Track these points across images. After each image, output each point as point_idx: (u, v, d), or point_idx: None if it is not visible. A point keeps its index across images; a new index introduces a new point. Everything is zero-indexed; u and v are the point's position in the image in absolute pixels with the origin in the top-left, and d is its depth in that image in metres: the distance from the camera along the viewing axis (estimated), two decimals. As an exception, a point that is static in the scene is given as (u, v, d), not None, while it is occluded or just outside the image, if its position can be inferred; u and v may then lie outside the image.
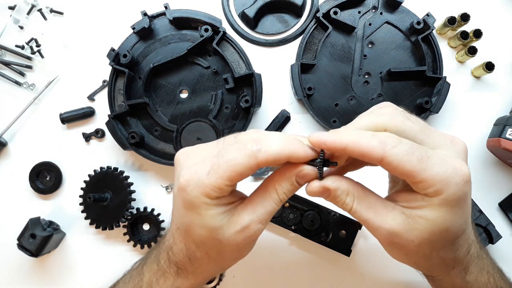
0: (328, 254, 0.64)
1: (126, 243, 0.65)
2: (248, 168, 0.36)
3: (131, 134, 0.62)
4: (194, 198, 0.37)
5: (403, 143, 0.35)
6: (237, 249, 0.40)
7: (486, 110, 0.67)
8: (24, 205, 0.67)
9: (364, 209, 0.38)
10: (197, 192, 0.37)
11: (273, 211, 0.40)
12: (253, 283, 0.64)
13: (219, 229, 0.38)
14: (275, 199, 0.39)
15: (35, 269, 0.66)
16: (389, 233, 0.37)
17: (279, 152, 0.36)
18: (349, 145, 0.35)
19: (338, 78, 0.67)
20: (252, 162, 0.36)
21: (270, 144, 0.36)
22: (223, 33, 0.65)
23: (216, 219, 0.38)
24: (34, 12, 0.70)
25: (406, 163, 0.34)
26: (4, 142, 0.67)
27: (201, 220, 0.38)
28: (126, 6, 0.70)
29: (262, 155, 0.36)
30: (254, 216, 0.39)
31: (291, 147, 0.36)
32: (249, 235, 0.39)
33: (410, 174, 0.34)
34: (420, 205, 0.36)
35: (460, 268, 0.41)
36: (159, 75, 0.66)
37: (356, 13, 0.68)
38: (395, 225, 0.37)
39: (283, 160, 0.37)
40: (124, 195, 0.63)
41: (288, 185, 0.39)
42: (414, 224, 0.36)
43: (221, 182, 0.36)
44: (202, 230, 0.39)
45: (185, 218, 0.39)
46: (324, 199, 0.39)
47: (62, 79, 0.69)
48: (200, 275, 0.43)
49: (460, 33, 0.66)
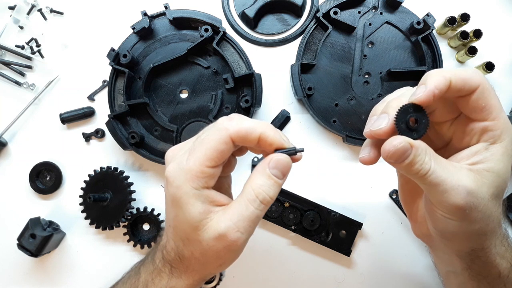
0: (328, 254, 0.64)
1: (126, 243, 0.65)
2: (222, 141, 0.36)
3: (131, 134, 0.62)
4: (177, 188, 0.37)
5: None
6: (217, 256, 0.38)
7: (486, 110, 0.67)
8: (24, 205, 0.67)
9: (441, 169, 0.35)
10: (180, 181, 0.36)
11: (252, 217, 0.37)
12: (253, 283, 0.64)
13: (199, 228, 0.37)
14: (254, 201, 0.37)
15: (35, 269, 0.66)
16: (468, 192, 0.34)
17: (250, 126, 0.36)
18: (453, 76, 0.35)
19: (338, 78, 0.67)
20: (224, 134, 0.36)
21: (242, 119, 0.37)
22: (223, 33, 0.65)
23: (195, 215, 0.37)
24: (34, 12, 0.70)
25: (494, 96, 0.36)
26: (4, 142, 0.67)
27: (184, 213, 0.37)
28: (126, 6, 0.70)
29: (232, 127, 0.36)
30: (231, 224, 0.36)
31: (263, 125, 0.37)
32: (227, 245, 0.37)
33: (491, 108, 0.36)
34: (484, 157, 0.36)
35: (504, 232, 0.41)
36: (159, 75, 0.66)
37: (356, 13, 0.68)
38: (470, 183, 0.35)
39: (254, 137, 0.37)
40: (124, 195, 0.63)
41: (265, 180, 0.37)
42: (483, 179, 0.35)
43: (199, 163, 0.36)
44: (185, 225, 0.38)
45: (172, 213, 0.39)
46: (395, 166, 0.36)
47: (62, 79, 0.69)
48: (191, 275, 0.42)
49: (460, 33, 0.66)
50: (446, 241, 0.41)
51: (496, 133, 0.36)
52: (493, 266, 0.41)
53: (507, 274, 0.41)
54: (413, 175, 0.35)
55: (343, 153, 0.67)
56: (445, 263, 0.47)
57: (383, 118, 0.36)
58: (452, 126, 0.40)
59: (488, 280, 0.42)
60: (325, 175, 0.66)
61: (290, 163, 0.38)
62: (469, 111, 0.37)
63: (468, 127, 0.38)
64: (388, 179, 0.66)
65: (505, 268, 0.41)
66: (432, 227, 0.41)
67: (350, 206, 0.65)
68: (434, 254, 0.49)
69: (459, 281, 0.45)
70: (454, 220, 0.37)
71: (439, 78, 0.35)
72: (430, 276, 0.64)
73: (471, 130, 0.37)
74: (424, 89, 0.34)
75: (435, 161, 0.35)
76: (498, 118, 0.36)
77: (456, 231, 0.38)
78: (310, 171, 0.66)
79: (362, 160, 0.39)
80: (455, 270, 0.44)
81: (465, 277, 0.43)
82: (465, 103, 0.37)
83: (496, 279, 0.41)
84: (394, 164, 0.35)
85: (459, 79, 0.35)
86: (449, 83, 0.35)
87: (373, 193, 0.66)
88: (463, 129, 0.38)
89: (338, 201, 0.65)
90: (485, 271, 0.41)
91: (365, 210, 0.65)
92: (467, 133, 0.38)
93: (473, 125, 0.37)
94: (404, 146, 0.34)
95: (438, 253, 0.47)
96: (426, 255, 0.64)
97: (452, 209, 0.36)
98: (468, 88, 0.35)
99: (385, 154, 0.35)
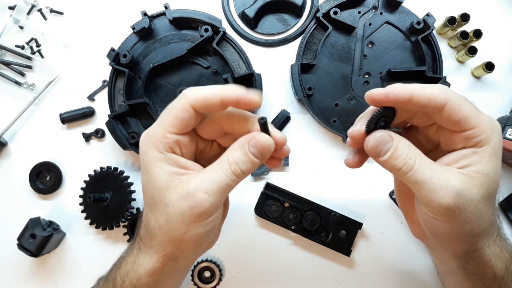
0: (328, 254, 0.64)
1: (126, 243, 0.65)
2: (181, 109, 0.37)
3: (131, 134, 0.62)
4: (144, 153, 0.39)
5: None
6: (181, 220, 0.37)
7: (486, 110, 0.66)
8: (24, 205, 0.67)
9: (427, 167, 0.36)
10: (147, 146, 0.39)
11: (222, 183, 0.37)
12: (253, 283, 0.64)
13: (165, 189, 0.37)
14: (226, 169, 0.37)
15: (35, 269, 0.66)
16: (457, 192, 0.35)
17: (209, 91, 0.37)
18: (415, 92, 0.35)
19: (338, 78, 0.67)
20: (183, 102, 0.37)
21: (205, 87, 0.38)
22: (223, 33, 0.65)
23: (163, 176, 0.38)
24: (34, 12, 0.70)
25: (465, 107, 0.36)
26: (4, 142, 0.67)
27: (151, 176, 0.38)
28: (126, 6, 0.70)
29: (191, 94, 0.37)
30: (201, 184, 0.37)
31: (225, 87, 0.37)
32: (194, 205, 0.36)
33: (467, 119, 0.36)
34: (472, 160, 0.36)
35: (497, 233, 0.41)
36: (159, 75, 0.66)
37: (356, 13, 0.68)
38: (459, 184, 0.35)
39: (215, 101, 0.37)
40: (124, 195, 0.63)
41: (241, 155, 0.37)
42: (473, 181, 0.36)
43: (162, 129, 0.38)
44: (152, 188, 0.38)
45: (142, 179, 0.40)
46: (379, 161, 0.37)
47: (62, 79, 0.69)
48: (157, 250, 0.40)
49: (460, 33, 0.66)
50: (439, 242, 0.41)
51: (481, 137, 0.36)
52: (487, 267, 0.41)
53: (502, 275, 0.41)
54: (398, 172, 0.36)
55: (343, 153, 0.67)
56: (442, 263, 0.47)
57: (359, 122, 0.39)
58: (438, 130, 0.40)
59: (483, 281, 0.42)
60: (325, 175, 0.66)
61: (270, 147, 0.38)
62: (446, 125, 0.38)
63: (452, 135, 0.38)
64: (388, 179, 0.66)
65: (500, 269, 0.41)
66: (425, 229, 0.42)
67: (350, 206, 0.65)
68: (432, 254, 0.50)
69: (455, 281, 0.45)
70: (444, 222, 0.37)
71: (400, 87, 0.36)
72: (430, 276, 0.64)
73: (455, 138, 0.38)
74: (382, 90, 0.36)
75: (421, 159, 0.36)
76: (478, 124, 0.36)
77: (447, 232, 0.38)
78: (310, 171, 0.66)
79: (347, 163, 0.41)
80: (451, 270, 0.44)
81: (460, 276, 0.43)
82: (440, 119, 0.37)
83: (491, 280, 0.41)
84: (378, 158, 0.37)
85: (423, 96, 0.36)
86: (409, 95, 0.36)
87: (373, 193, 0.66)
88: (448, 135, 0.39)
89: (338, 201, 0.65)
90: (480, 271, 0.41)
91: (365, 210, 0.65)
92: (453, 140, 0.38)
93: (456, 134, 0.38)
94: (383, 136, 0.36)
95: (435, 252, 0.47)
96: (426, 255, 0.64)
97: (441, 210, 0.36)
98: (434, 105, 0.36)
99: (367, 146, 0.37)
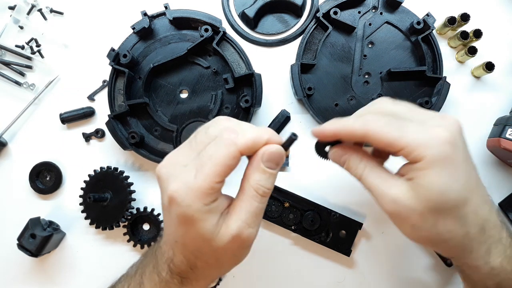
0: (328, 254, 0.64)
1: (126, 243, 0.65)
2: (231, 157, 0.36)
3: (131, 134, 0.62)
4: (187, 207, 0.37)
5: (382, 117, 0.39)
6: (233, 256, 0.41)
7: (486, 110, 0.67)
8: (24, 205, 0.67)
9: (373, 176, 0.41)
10: (189, 200, 0.36)
11: (257, 211, 0.39)
12: (253, 283, 0.64)
13: (213, 239, 0.38)
14: (255, 196, 0.38)
15: (35, 269, 0.66)
16: (393, 200, 0.39)
17: (257, 136, 0.38)
18: (337, 130, 0.41)
19: (338, 78, 0.67)
20: (233, 150, 0.36)
21: (244, 129, 0.38)
22: (223, 33, 0.65)
23: (211, 227, 0.38)
24: (34, 12, 0.70)
25: (386, 133, 0.38)
26: (4, 142, 0.67)
27: (196, 231, 0.38)
28: (126, 6, 0.70)
29: (240, 140, 0.37)
30: (240, 223, 0.38)
31: (266, 131, 0.39)
32: (242, 243, 0.39)
33: (391, 144, 0.38)
34: (414, 174, 0.38)
35: (481, 251, 0.40)
36: (159, 75, 0.66)
37: (356, 13, 0.68)
38: (398, 192, 0.39)
39: (260, 144, 0.38)
40: (124, 195, 0.63)
41: (259, 174, 0.39)
42: (415, 193, 0.38)
43: (210, 180, 0.36)
44: (199, 242, 0.38)
45: (180, 231, 0.39)
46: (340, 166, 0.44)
47: (62, 79, 0.69)
48: (203, 280, 0.44)
49: (460, 33, 0.66)
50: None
51: (412, 156, 0.38)
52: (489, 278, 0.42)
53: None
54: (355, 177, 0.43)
55: (343, 153, 0.67)
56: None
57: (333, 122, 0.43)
58: None
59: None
60: (325, 175, 0.66)
61: (282, 152, 0.39)
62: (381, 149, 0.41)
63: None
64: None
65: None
66: None
67: (350, 206, 0.65)
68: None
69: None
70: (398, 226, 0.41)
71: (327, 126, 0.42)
72: (430, 276, 0.64)
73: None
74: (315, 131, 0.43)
75: (370, 170, 0.41)
76: (403, 146, 0.38)
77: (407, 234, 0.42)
78: (310, 171, 0.66)
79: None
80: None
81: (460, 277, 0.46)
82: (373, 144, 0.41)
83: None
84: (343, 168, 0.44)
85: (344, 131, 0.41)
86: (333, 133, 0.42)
87: (373, 193, 0.66)
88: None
89: (338, 201, 0.65)
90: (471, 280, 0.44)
91: (365, 210, 0.65)
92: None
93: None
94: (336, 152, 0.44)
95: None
96: (426, 255, 0.64)
97: (388, 214, 0.40)
98: (358, 137, 0.40)
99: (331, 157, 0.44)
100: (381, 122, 0.39)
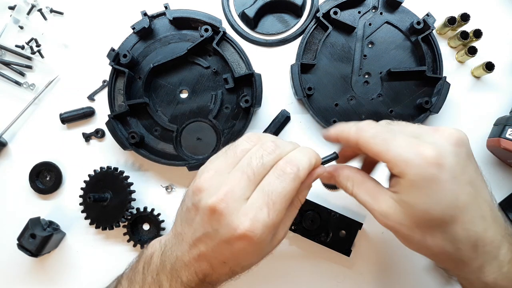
0: (328, 254, 0.64)
1: (126, 243, 0.65)
2: (296, 190, 0.40)
3: (131, 134, 0.62)
4: (262, 240, 0.39)
5: (375, 127, 0.40)
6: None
7: (486, 110, 0.67)
8: (24, 205, 0.67)
9: (362, 193, 0.42)
10: (265, 236, 0.38)
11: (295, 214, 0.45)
12: (253, 283, 0.64)
13: (269, 252, 0.43)
14: (299, 207, 0.44)
15: (35, 269, 0.66)
16: (381, 215, 0.40)
17: (310, 164, 0.41)
18: (338, 133, 0.44)
19: (338, 78, 0.67)
20: (297, 183, 0.40)
21: (300, 159, 0.41)
22: (223, 33, 0.65)
23: (270, 246, 0.42)
24: (34, 12, 0.70)
25: (373, 144, 0.39)
26: (4, 142, 0.67)
27: (260, 257, 0.42)
28: (126, 6, 0.70)
29: (302, 173, 0.40)
30: (286, 229, 0.43)
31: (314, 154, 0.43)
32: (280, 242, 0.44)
33: (377, 155, 0.39)
34: (399, 189, 0.39)
35: (473, 267, 0.40)
36: (159, 75, 0.66)
37: (356, 13, 0.68)
38: (385, 208, 0.40)
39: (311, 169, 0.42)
40: (124, 195, 0.63)
41: (307, 191, 0.44)
42: (402, 208, 0.39)
43: (280, 214, 0.39)
44: (258, 258, 0.42)
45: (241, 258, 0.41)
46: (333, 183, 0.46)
47: (62, 79, 0.69)
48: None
49: (460, 33, 0.66)
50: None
51: (395, 171, 0.39)
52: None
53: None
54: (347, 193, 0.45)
55: (343, 153, 0.67)
56: None
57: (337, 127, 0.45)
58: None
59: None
60: (325, 175, 0.66)
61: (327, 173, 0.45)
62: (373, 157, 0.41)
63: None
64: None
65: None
66: None
67: (350, 206, 0.65)
68: None
69: None
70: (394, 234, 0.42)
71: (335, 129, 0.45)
72: (430, 276, 0.64)
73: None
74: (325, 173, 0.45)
75: (358, 187, 0.43)
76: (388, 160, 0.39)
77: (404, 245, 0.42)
78: (310, 171, 0.66)
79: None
80: None
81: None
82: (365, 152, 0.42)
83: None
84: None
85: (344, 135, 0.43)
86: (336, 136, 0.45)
87: (373, 193, 0.66)
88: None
89: (338, 201, 0.65)
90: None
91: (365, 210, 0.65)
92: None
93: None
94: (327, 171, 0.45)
95: None
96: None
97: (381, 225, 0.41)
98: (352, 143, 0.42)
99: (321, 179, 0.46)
100: (370, 132, 0.40)
